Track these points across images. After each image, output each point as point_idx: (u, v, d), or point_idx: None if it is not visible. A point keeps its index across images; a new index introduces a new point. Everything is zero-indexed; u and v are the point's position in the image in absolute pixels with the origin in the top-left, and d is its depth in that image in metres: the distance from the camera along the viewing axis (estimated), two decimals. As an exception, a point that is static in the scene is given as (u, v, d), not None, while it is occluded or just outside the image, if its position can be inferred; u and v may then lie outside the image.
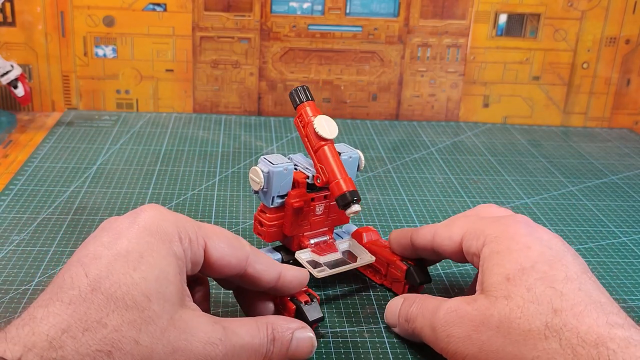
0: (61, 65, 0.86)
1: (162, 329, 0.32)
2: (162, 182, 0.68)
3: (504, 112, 0.93)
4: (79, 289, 0.32)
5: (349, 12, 0.87)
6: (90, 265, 0.33)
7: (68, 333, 0.30)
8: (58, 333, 0.30)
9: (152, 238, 0.35)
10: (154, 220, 0.36)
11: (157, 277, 0.33)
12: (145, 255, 0.34)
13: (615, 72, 0.91)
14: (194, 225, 0.37)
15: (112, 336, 0.31)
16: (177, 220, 0.37)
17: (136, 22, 0.85)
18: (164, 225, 0.36)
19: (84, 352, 0.30)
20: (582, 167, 0.78)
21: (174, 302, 0.34)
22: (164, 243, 0.35)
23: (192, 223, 0.38)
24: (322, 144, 0.46)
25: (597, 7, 0.88)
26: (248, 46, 0.87)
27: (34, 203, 0.62)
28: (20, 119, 0.85)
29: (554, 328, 0.33)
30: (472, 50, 0.89)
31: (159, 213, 0.36)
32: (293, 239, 0.48)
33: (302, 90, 0.47)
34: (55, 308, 0.31)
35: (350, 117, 0.91)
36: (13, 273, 0.50)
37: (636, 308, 0.49)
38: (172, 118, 0.88)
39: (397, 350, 0.43)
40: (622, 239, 0.60)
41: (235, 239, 0.39)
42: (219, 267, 0.38)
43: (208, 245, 0.37)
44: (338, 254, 0.48)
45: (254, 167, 0.46)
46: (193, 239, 0.37)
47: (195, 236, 0.37)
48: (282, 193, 0.46)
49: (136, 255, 0.33)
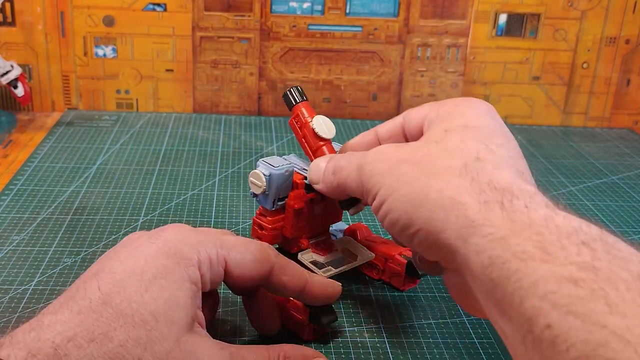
0: (61, 65, 0.86)
1: (167, 350, 0.32)
2: (162, 182, 0.68)
3: (504, 112, 0.93)
4: (90, 300, 0.32)
5: (349, 12, 0.87)
6: (104, 279, 0.33)
7: (74, 342, 0.30)
8: (64, 341, 0.30)
9: (168, 261, 0.35)
10: (174, 242, 0.36)
11: (167, 300, 0.33)
12: (159, 277, 0.34)
13: (615, 72, 0.91)
14: (215, 244, 0.37)
15: (117, 350, 0.31)
16: (198, 241, 0.36)
17: (136, 22, 0.85)
18: (184, 248, 0.36)
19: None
20: (582, 167, 0.78)
21: (181, 325, 0.33)
22: (180, 266, 0.35)
23: (214, 240, 0.37)
24: (321, 144, 0.46)
25: (597, 7, 0.88)
26: (248, 46, 0.87)
27: (34, 203, 0.62)
28: (20, 119, 0.85)
29: (470, 169, 0.33)
30: (472, 50, 0.89)
31: (180, 234, 0.36)
32: (292, 241, 0.48)
33: (296, 90, 0.47)
34: (63, 316, 0.31)
35: (350, 117, 0.91)
36: (13, 273, 0.50)
37: (636, 308, 0.49)
38: (172, 118, 0.88)
39: (398, 351, 0.43)
40: (622, 239, 0.60)
41: (260, 251, 0.39)
42: (241, 282, 0.38)
43: (229, 263, 0.37)
44: (338, 252, 0.48)
45: (255, 170, 0.45)
46: (213, 260, 0.37)
47: (215, 256, 0.37)
48: (282, 195, 0.46)
49: (150, 276, 0.34)
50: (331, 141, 0.46)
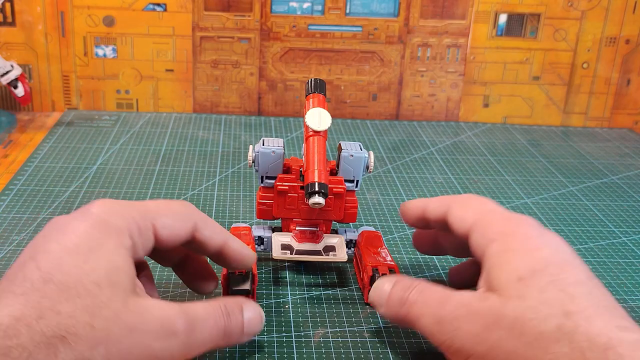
0: (61, 65, 0.86)
1: (116, 311, 0.33)
2: (162, 182, 0.68)
3: (504, 112, 0.93)
4: (32, 281, 0.32)
5: (349, 12, 0.87)
6: (40, 259, 0.33)
7: (22, 321, 0.31)
8: (12, 322, 0.30)
9: (100, 233, 0.35)
10: (102, 215, 0.36)
11: (106, 267, 0.34)
12: (94, 249, 0.34)
13: (615, 72, 0.91)
14: (141, 212, 0.38)
15: (66, 322, 0.31)
16: (125, 211, 0.37)
17: (136, 22, 0.85)
18: (113, 219, 0.36)
19: (40, 340, 0.30)
20: (582, 167, 0.78)
21: (125, 288, 0.34)
22: (113, 237, 0.36)
23: (139, 210, 0.38)
24: (311, 134, 0.47)
25: (597, 7, 0.88)
26: (248, 46, 0.87)
27: (34, 203, 0.62)
28: (20, 119, 0.85)
29: (566, 330, 0.33)
30: (472, 50, 0.89)
31: (107, 208, 0.37)
32: (282, 222, 0.51)
33: (314, 82, 0.49)
34: (7, 300, 0.32)
35: (350, 117, 0.91)
36: (13, 273, 0.50)
37: (636, 308, 0.49)
38: (172, 118, 0.88)
39: (397, 350, 0.43)
40: (622, 239, 0.60)
41: (182, 206, 0.41)
42: (169, 242, 0.39)
43: (157, 227, 0.39)
44: (318, 245, 0.49)
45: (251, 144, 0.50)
46: (142, 227, 0.38)
47: (143, 223, 0.38)
48: (270, 174, 0.49)
49: (85, 249, 0.34)
50: (326, 136, 0.47)
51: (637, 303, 0.50)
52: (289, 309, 0.47)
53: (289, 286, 0.50)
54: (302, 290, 0.49)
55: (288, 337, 0.44)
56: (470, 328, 0.36)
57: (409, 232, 0.60)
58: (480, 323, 0.36)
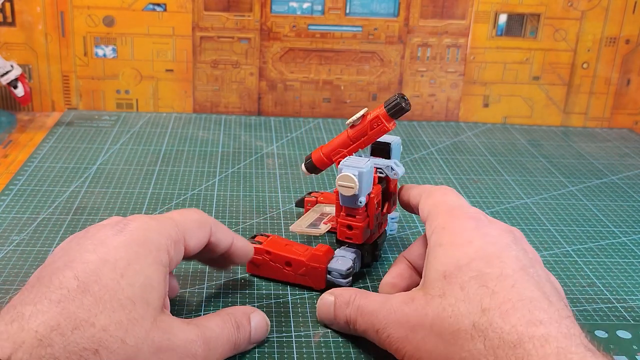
0: (61, 65, 0.86)
1: (147, 330, 0.34)
2: (162, 182, 0.68)
3: (504, 112, 0.93)
4: (68, 289, 0.33)
5: (348, 12, 0.87)
6: (78, 268, 0.34)
7: (57, 331, 0.31)
8: (47, 330, 0.31)
9: (139, 248, 0.36)
10: (141, 231, 0.37)
11: (142, 284, 0.35)
12: (132, 264, 0.35)
13: (615, 72, 0.91)
14: (174, 227, 0.39)
15: (100, 335, 0.32)
16: (162, 228, 0.39)
17: (136, 22, 0.85)
18: (152, 235, 0.38)
19: (72, 350, 0.31)
20: (582, 167, 0.78)
21: (155, 306, 0.35)
22: (151, 252, 0.37)
23: (172, 224, 0.40)
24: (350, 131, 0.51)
25: (597, 7, 0.88)
26: (248, 46, 0.87)
27: (34, 203, 0.62)
28: (20, 119, 0.85)
29: (480, 328, 0.33)
30: (472, 50, 0.89)
31: (145, 224, 0.38)
32: None
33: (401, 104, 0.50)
34: (43, 306, 0.32)
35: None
36: (13, 273, 0.50)
37: (636, 308, 0.49)
38: (172, 118, 0.88)
39: (397, 350, 0.43)
40: (622, 239, 0.60)
41: (199, 214, 0.42)
42: (195, 251, 0.41)
43: (186, 239, 0.40)
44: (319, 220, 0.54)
45: (343, 174, 0.45)
46: (177, 242, 0.39)
47: (177, 237, 0.39)
48: (369, 191, 0.47)
49: (124, 263, 0.35)
50: None
51: (637, 303, 0.50)
52: (289, 309, 0.47)
53: (289, 286, 0.50)
54: (302, 290, 0.49)
55: (288, 337, 0.44)
56: (398, 333, 0.38)
57: (409, 232, 0.60)
58: (406, 327, 0.37)
